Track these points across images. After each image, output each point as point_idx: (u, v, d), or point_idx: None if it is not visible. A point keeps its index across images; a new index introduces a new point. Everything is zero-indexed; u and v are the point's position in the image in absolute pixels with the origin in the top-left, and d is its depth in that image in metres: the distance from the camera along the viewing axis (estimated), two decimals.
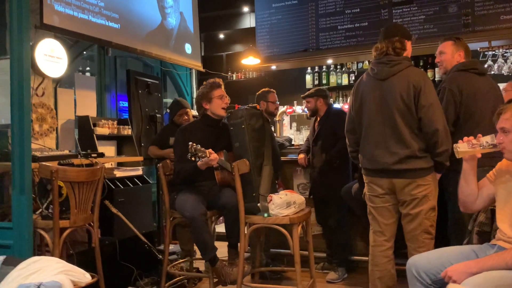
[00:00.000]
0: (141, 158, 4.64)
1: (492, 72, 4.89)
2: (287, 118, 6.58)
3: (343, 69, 6.39)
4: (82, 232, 3.75)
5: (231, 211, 3.19)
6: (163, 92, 6.51)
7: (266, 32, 5.86)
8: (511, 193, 2.20)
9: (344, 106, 6.08)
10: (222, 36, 7.72)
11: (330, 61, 5.99)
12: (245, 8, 7.15)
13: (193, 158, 3.03)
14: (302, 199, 3.21)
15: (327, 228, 4.16)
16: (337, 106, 6.11)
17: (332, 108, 4.25)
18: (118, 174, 4.18)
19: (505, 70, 4.90)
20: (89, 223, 3.22)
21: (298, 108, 6.47)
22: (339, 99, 6.44)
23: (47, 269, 1.45)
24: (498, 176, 2.28)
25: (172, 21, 5.93)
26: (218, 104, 3.41)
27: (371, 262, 2.95)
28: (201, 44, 7.02)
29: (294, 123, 6.54)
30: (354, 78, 6.24)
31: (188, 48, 6.28)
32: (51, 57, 4.08)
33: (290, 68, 6.31)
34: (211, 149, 3.13)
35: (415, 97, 2.71)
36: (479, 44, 4.83)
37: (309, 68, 6.48)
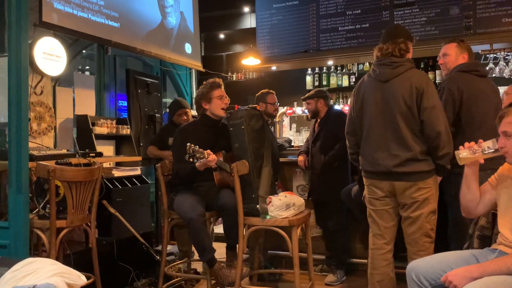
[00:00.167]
0: (139, 158, 4.61)
1: (494, 75, 4.88)
2: (287, 119, 6.56)
3: (344, 70, 6.37)
4: (79, 232, 3.74)
5: (229, 212, 3.17)
6: (162, 91, 6.49)
7: (267, 32, 5.84)
8: None
9: (345, 107, 6.06)
10: (222, 36, 7.70)
11: (330, 62, 5.97)
12: (245, 8, 7.13)
13: (191, 159, 3.01)
14: (302, 201, 3.18)
15: (326, 230, 4.13)
16: (337, 107, 6.09)
17: (332, 109, 4.23)
18: (117, 174, 4.16)
19: (506, 73, 4.89)
20: (86, 223, 3.20)
21: (298, 109, 6.45)
22: (339, 101, 6.42)
23: (42, 271, 1.43)
24: (499, 181, 2.26)
25: (172, 20, 5.90)
26: (218, 105, 3.39)
27: (370, 265, 2.93)
28: (201, 44, 6.99)
29: (294, 124, 6.51)
30: (354, 80, 6.22)
31: (188, 48, 6.26)
32: (50, 55, 4.06)
33: (291, 69, 6.29)
34: (209, 150, 3.10)
35: (418, 99, 2.69)
36: (481, 47, 4.81)
37: (309, 69, 6.46)
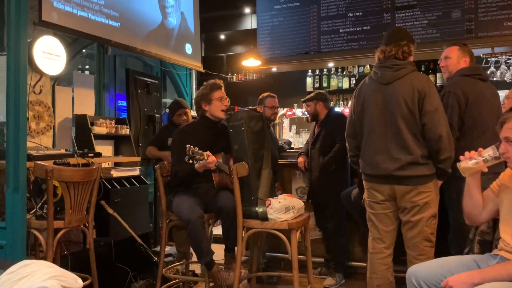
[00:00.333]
0: (138, 159, 4.59)
1: (495, 78, 4.87)
2: (287, 121, 6.55)
3: (344, 72, 6.36)
4: (77, 232, 3.71)
5: (228, 214, 3.14)
6: (162, 92, 6.48)
7: (267, 33, 5.82)
8: None
9: (345, 110, 6.04)
10: (223, 37, 7.69)
11: (331, 64, 5.96)
12: (246, 9, 7.11)
13: (190, 161, 2.99)
14: (301, 204, 3.16)
15: (326, 233, 4.11)
16: (337, 109, 6.07)
17: (332, 111, 4.21)
18: (115, 174, 4.14)
19: (507, 77, 4.87)
20: (84, 224, 3.18)
21: (298, 111, 6.44)
22: (340, 103, 6.41)
23: (38, 273, 1.41)
24: (501, 187, 2.24)
25: (173, 20, 5.88)
26: (218, 106, 3.36)
27: (370, 269, 2.91)
28: (201, 44, 6.98)
29: (294, 126, 6.50)
30: (355, 82, 6.21)
31: (188, 48, 6.24)
32: (49, 54, 4.04)
33: (291, 70, 6.28)
34: (209, 151, 3.08)
35: (419, 102, 2.67)
36: (482, 50, 4.80)
37: (309, 70, 6.45)
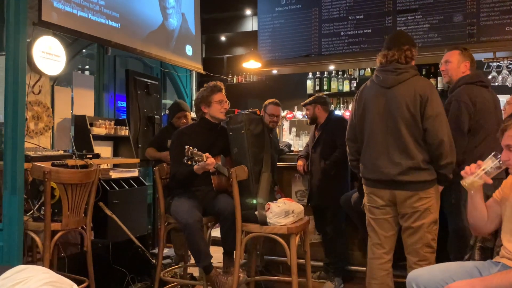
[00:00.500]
0: (137, 160, 4.57)
1: (496, 83, 4.84)
2: (287, 123, 6.52)
3: (345, 75, 6.34)
4: (74, 233, 3.69)
5: (227, 217, 3.12)
6: (162, 93, 6.46)
7: (268, 36, 5.80)
8: None
9: (345, 113, 6.02)
10: (223, 38, 7.67)
11: (332, 67, 5.94)
12: (247, 11, 7.09)
13: (189, 162, 2.96)
14: (301, 208, 3.13)
15: (326, 236, 4.09)
16: (337, 112, 6.04)
17: (332, 115, 4.18)
18: (114, 175, 4.11)
19: (509, 82, 4.85)
20: (81, 226, 3.15)
21: (298, 114, 6.41)
22: (340, 106, 6.39)
23: (33, 279, 1.38)
24: (504, 194, 2.23)
25: (174, 22, 5.86)
26: (217, 109, 3.34)
27: (369, 275, 2.88)
28: (202, 46, 6.96)
29: (294, 129, 6.46)
30: (355, 85, 6.18)
31: (189, 50, 6.22)
32: (49, 54, 4.02)
33: (291, 73, 6.26)
34: (208, 153, 3.06)
35: (421, 107, 2.65)
36: (484, 55, 4.79)
37: (310, 73, 6.42)
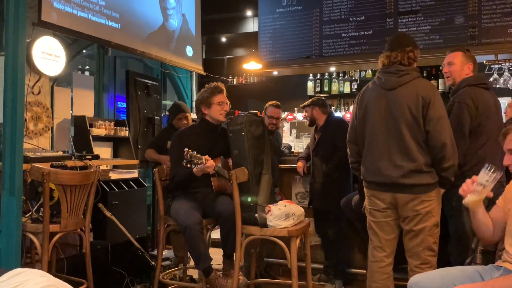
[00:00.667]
0: (136, 161, 4.55)
1: (498, 85, 4.83)
2: (287, 125, 6.51)
3: (346, 77, 6.32)
4: (73, 235, 3.67)
5: (227, 219, 3.10)
6: (162, 94, 6.44)
7: (269, 37, 5.79)
8: None
9: (346, 115, 6.00)
10: (224, 39, 7.66)
11: (333, 68, 5.93)
12: (248, 12, 7.08)
13: (188, 165, 2.94)
14: (301, 210, 3.11)
15: (325, 239, 4.07)
16: (338, 114, 6.03)
17: (332, 117, 4.14)
18: (113, 176, 4.11)
19: (510, 84, 4.83)
20: (80, 228, 3.13)
21: (299, 115, 6.40)
22: (341, 107, 6.37)
23: (30, 283, 1.35)
24: (507, 201, 2.21)
25: (174, 22, 5.85)
26: (217, 110, 3.32)
27: (370, 278, 2.86)
28: (202, 46, 6.94)
29: (294, 130, 6.45)
30: (356, 87, 6.17)
31: (189, 51, 6.20)
32: (48, 55, 4.00)
33: (292, 74, 6.25)
34: (207, 155, 3.04)
35: (424, 109, 2.63)
36: (485, 57, 4.77)
37: (311, 75, 6.41)
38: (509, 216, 2.17)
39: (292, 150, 4.97)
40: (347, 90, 6.28)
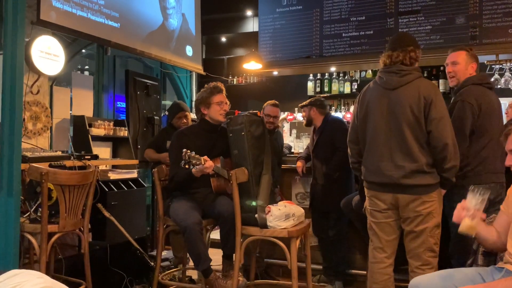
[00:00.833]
0: (136, 161, 4.53)
1: (499, 86, 4.81)
2: (287, 125, 6.48)
3: (346, 77, 6.30)
4: (72, 235, 3.66)
5: (226, 219, 3.09)
6: (162, 94, 6.42)
7: (269, 37, 5.78)
8: None
9: (346, 115, 5.98)
10: (224, 39, 7.63)
11: (333, 68, 5.91)
12: (248, 12, 7.05)
13: (186, 166, 2.92)
14: (302, 211, 3.09)
15: (324, 240, 4.04)
16: (338, 114, 6.01)
17: (329, 117, 4.10)
18: (113, 176, 4.09)
19: (511, 85, 4.81)
20: (79, 228, 3.11)
21: (299, 115, 6.38)
22: (341, 108, 6.34)
23: (27, 284, 1.34)
24: (509, 204, 2.19)
25: (174, 22, 5.83)
26: (216, 110, 3.30)
27: (370, 279, 2.85)
28: (202, 46, 6.92)
29: (294, 130, 6.43)
30: (356, 87, 6.13)
31: (189, 50, 6.19)
32: (47, 54, 3.98)
33: (292, 74, 6.23)
34: (206, 156, 3.02)
35: (426, 109, 2.61)
36: (486, 57, 4.75)
37: (311, 75, 6.39)
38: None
39: (292, 151, 4.95)
40: (347, 90, 6.26)
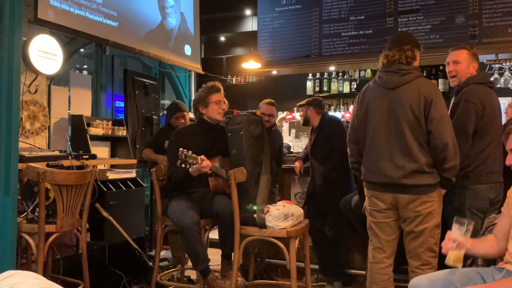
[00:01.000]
0: (134, 161, 4.51)
1: (498, 85, 4.79)
2: (286, 125, 6.47)
3: (345, 76, 6.27)
4: (70, 235, 3.64)
5: (225, 219, 3.08)
6: (161, 93, 6.40)
7: (268, 36, 5.76)
8: None
9: (345, 114, 5.97)
10: (223, 38, 7.61)
11: (332, 68, 5.89)
12: (247, 11, 7.03)
13: (183, 165, 2.91)
14: (300, 211, 3.08)
15: (319, 240, 4.00)
16: (337, 114, 5.99)
17: (326, 117, 4.08)
18: (111, 176, 4.07)
19: (511, 84, 4.80)
20: (77, 228, 3.10)
21: (298, 115, 6.35)
22: (340, 107, 6.32)
23: (22, 285, 1.32)
24: (510, 206, 2.18)
25: (172, 21, 5.81)
26: (215, 110, 3.28)
27: (370, 279, 2.83)
28: (201, 46, 6.90)
29: (293, 130, 6.42)
30: (355, 86, 6.13)
31: (187, 50, 6.17)
32: (45, 53, 3.96)
33: (291, 73, 6.21)
34: (205, 154, 3.01)
35: (426, 109, 2.59)
36: (486, 57, 4.73)
37: (310, 74, 6.37)
38: None
39: (291, 150, 4.94)
40: (346, 89, 6.24)
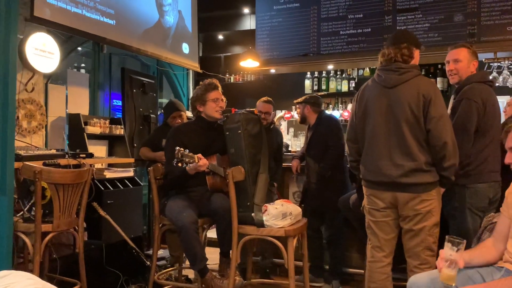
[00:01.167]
0: (132, 160, 4.49)
1: (497, 84, 4.78)
2: (285, 123, 6.46)
3: (344, 75, 6.26)
4: (67, 234, 3.62)
5: (223, 216, 3.06)
6: (158, 92, 6.38)
7: (266, 34, 5.74)
8: None
9: (344, 113, 5.96)
10: (221, 37, 7.59)
11: (330, 66, 5.88)
12: (245, 9, 7.01)
13: (179, 164, 2.89)
14: (299, 210, 3.06)
15: (313, 239, 3.97)
16: (336, 113, 5.98)
17: (322, 115, 4.08)
18: (108, 175, 4.07)
19: (510, 83, 4.80)
20: (74, 227, 3.08)
21: (296, 114, 6.34)
22: (338, 106, 6.31)
23: (16, 286, 1.31)
24: (509, 206, 2.17)
25: (170, 19, 5.79)
26: (212, 107, 3.25)
27: (368, 278, 2.82)
28: (199, 44, 6.88)
29: (292, 129, 6.41)
30: (354, 85, 6.11)
31: (185, 48, 6.15)
32: (42, 51, 3.94)
33: (289, 72, 6.20)
34: (203, 152, 2.99)
35: (425, 107, 2.58)
36: (484, 55, 4.72)
37: (308, 73, 6.35)
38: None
39: (290, 149, 4.93)
40: (344, 88, 6.22)
